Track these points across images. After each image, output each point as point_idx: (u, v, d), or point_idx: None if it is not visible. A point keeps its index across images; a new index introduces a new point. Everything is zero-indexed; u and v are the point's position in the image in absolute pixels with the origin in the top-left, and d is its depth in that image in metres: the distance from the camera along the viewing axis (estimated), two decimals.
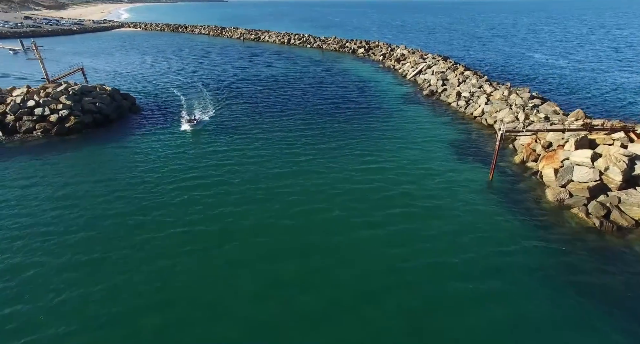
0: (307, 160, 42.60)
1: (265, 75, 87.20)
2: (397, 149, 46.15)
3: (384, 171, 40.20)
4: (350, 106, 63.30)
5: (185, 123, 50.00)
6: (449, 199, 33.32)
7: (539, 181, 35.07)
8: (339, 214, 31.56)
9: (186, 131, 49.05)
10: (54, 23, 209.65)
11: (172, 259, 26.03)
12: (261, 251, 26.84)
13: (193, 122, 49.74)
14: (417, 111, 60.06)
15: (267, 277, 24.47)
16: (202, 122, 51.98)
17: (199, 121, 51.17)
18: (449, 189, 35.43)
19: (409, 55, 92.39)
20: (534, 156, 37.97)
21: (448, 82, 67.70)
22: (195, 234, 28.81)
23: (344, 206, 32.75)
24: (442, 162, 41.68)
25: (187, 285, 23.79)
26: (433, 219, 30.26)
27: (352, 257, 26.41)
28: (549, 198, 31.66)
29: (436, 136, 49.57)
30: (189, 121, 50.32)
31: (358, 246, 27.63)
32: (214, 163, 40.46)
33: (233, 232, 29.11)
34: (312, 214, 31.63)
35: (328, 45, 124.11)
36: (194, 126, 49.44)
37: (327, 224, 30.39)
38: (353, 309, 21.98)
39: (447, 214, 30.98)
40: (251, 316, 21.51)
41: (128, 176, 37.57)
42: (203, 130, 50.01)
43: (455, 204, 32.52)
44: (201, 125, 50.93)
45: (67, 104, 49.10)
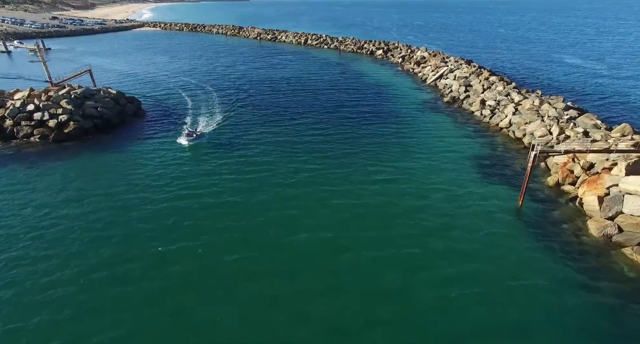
0: (314, 173, 39.09)
1: (279, 77, 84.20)
2: (413, 162, 42.02)
3: (398, 187, 36.25)
4: (365, 112, 59.39)
5: (184, 137, 45.05)
6: (469, 229, 29.02)
7: (578, 209, 30.27)
8: (345, 239, 27.95)
9: (184, 145, 44.53)
10: (77, 23, 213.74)
11: (161, 281, 23.02)
12: (253, 291, 23.45)
13: (192, 136, 44.87)
14: (436, 120, 55.51)
15: (259, 305, 21.15)
16: (203, 135, 46.91)
17: (200, 134, 46.21)
18: (470, 215, 31.10)
19: (430, 58, 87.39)
20: (572, 179, 33.11)
21: (471, 89, 62.69)
22: (177, 257, 25.77)
23: (351, 230, 29.15)
24: (463, 180, 37.26)
25: (179, 308, 20.69)
26: (450, 255, 26.10)
27: (354, 299, 22.70)
28: (592, 232, 26.94)
29: (457, 149, 45.08)
30: (187, 134, 45.28)
31: (360, 282, 23.95)
32: (212, 176, 37.39)
33: (220, 259, 25.89)
34: (314, 238, 28.18)
35: (345, 47, 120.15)
36: (193, 139, 44.64)
37: (329, 250, 26.86)
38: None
39: (466, 249, 26.67)
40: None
41: (118, 190, 34.92)
42: (203, 143, 45.45)
43: (476, 236, 28.21)
44: (201, 138, 46.00)
45: (67, 108, 47.26)
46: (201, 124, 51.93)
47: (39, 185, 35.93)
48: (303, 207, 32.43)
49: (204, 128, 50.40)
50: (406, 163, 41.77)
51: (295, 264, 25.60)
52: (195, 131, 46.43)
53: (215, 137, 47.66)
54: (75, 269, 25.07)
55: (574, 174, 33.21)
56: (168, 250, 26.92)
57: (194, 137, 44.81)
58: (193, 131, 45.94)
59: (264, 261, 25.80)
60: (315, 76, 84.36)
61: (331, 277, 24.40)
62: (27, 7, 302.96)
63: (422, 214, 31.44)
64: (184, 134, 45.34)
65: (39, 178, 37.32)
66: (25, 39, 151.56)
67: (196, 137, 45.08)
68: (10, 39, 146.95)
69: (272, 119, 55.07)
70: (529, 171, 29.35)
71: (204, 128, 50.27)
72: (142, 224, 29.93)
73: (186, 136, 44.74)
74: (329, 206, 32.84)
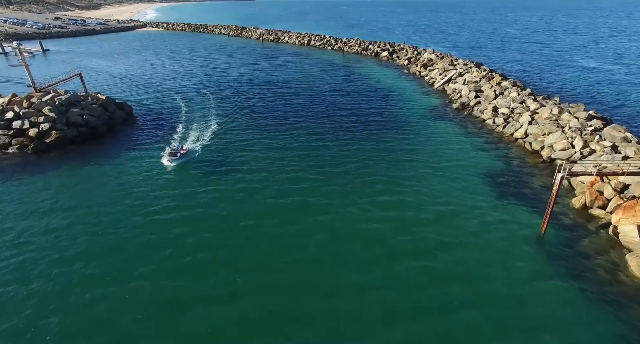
0: (310, 188, 35.70)
1: (279, 80, 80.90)
2: (419, 176, 38.49)
3: (403, 205, 32.84)
4: (368, 119, 55.87)
5: (167, 156, 39.35)
6: (484, 262, 25.39)
7: (613, 239, 26.53)
8: (342, 272, 24.51)
9: (166, 166, 39.01)
10: (80, 23, 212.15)
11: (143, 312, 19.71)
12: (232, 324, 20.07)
13: (176, 156, 39.44)
14: (445, 128, 51.80)
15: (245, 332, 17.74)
16: (189, 153, 41.81)
17: (185, 152, 41.00)
18: (484, 242, 27.49)
19: (437, 61, 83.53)
20: (602, 201, 29.34)
21: (482, 94, 58.84)
22: (161, 288, 22.47)
23: (348, 257, 25.93)
24: (474, 199, 33.59)
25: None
26: (461, 296, 22.45)
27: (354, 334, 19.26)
28: (634, 270, 23.20)
29: (468, 162, 41.40)
30: (171, 153, 39.60)
31: (360, 319, 20.54)
32: (199, 196, 34.02)
33: (201, 291, 22.54)
34: (305, 266, 24.91)
35: (350, 48, 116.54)
36: (177, 159, 39.34)
37: (323, 281, 23.52)
38: None
39: (483, 290, 22.92)
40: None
41: (95, 211, 31.66)
42: (188, 162, 40.26)
43: (491, 270, 24.57)
44: (187, 157, 40.87)
45: (49, 116, 44.24)
46: (190, 138, 47.34)
47: (8, 204, 32.81)
48: (297, 232, 28.98)
49: (194, 142, 45.95)
50: (412, 177, 38.25)
51: (288, 298, 22.19)
52: (180, 149, 41.24)
53: (207, 149, 44.03)
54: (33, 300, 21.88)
55: (604, 196, 29.44)
56: (147, 281, 23.68)
57: (178, 156, 39.62)
58: (177, 149, 40.66)
59: (253, 295, 22.44)
60: (318, 79, 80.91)
61: (329, 319, 20.96)
62: (32, 8, 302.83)
63: (430, 240, 27.86)
64: (166, 153, 39.81)
65: (11, 195, 34.21)
66: (25, 40, 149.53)
67: (180, 156, 39.96)
68: (10, 40, 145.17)
69: (269, 127, 51.68)
70: (554, 196, 25.65)
71: (193, 142, 45.81)
72: (115, 251, 26.67)
73: (169, 156, 39.37)
74: (326, 228, 29.45)
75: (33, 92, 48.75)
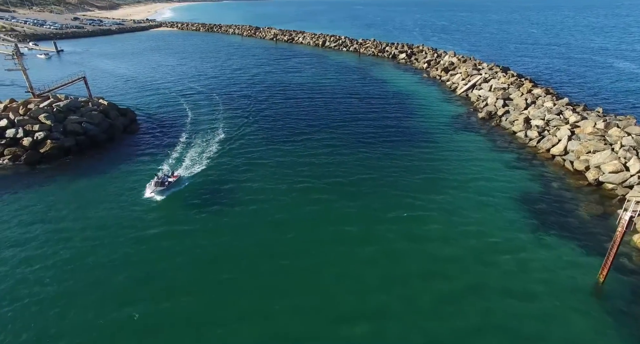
0: (322, 210, 32.08)
1: (292, 83, 77.40)
2: (444, 196, 34.40)
3: (427, 233, 29.10)
4: (386, 128, 51.76)
5: (153, 186, 33.03)
6: (524, 313, 21.13)
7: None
8: (355, 308, 20.72)
9: (152, 199, 32.79)
10: (96, 23, 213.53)
11: None
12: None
13: (164, 186, 33.07)
14: (470, 140, 47.17)
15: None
16: (182, 180, 35.57)
17: (176, 180, 34.67)
18: (524, 288, 23.19)
19: (460, 64, 78.41)
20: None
21: (511, 103, 53.80)
22: (148, 316, 19.06)
23: (364, 297, 22.10)
24: (510, 228, 29.22)
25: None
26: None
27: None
28: None
29: (499, 181, 36.83)
30: (157, 182, 33.15)
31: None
32: (195, 221, 30.62)
33: (206, 320, 19.02)
34: (317, 304, 21.15)
35: (366, 49, 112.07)
36: (164, 190, 33.00)
37: (336, 313, 19.70)
38: None
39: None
40: None
41: (80, 235, 28.59)
42: (180, 192, 34.03)
43: (535, 328, 20.22)
44: (178, 185, 34.63)
45: (45, 124, 41.62)
46: (191, 153, 42.50)
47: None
48: (308, 267, 25.21)
49: (193, 160, 40.61)
50: (437, 197, 34.19)
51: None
52: (169, 177, 34.92)
53: (207, 169, 39.86)
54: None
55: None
56: (131, 314, 20.36)
57: (166, 186, 33.22)
58: (165, 178, 34.11)
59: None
60: (332, 83, 76.95)
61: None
62: (53, 9, 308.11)
63: (459, 281, 23.71)
64: (152, 183, 33.47)
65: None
66: (42, 41, 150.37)
67: (169, 185, 33.54)
68: (27, 40, 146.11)
69: (280, 137, 48.04)
70: (618, 240, 21.07)
71: (191, 161, 40.42)
72: (91, 290, 23.37)
73: (155, 186, 32.99)
74: (340, 262, 25.66)
75: (31, 98, 46.36)
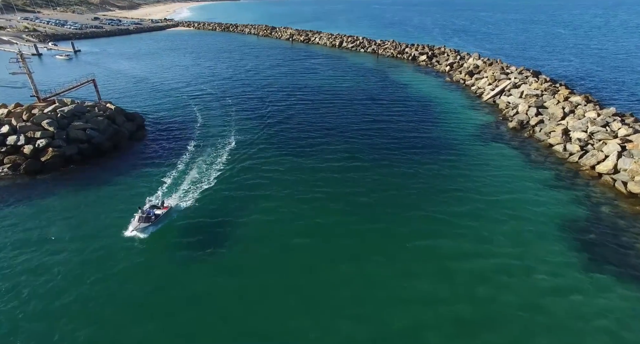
0: (338, 227, 29.20)
1: (308, 85, 74.45)
2: (473, 217, 30.99)
3: (454, 261, 25.65)
4: (407, 136, 48.27)
5: (136, 222, 27.70)
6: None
7: None
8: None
9: (134, 237, 27.48)
10: (115, 23, 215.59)
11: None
12: None
13: (149, 221, 27.72)
14: (500, 153, 43.02)
15: None
16: (171, 211, 30.14)
17: (165, 212, 29.17)
18: (580, 340, 19.30)
19: (485, 68, 73.66)
20: None
21: (545, 112, 49.19)
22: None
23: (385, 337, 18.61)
24: (554, 262, 25.42)
25: None
26: None
27: None
28: None
29: (536, 203, 32.81)
30: (142, 218, 27.81)
31: None
32: (194, 250, 27.80)
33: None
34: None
35: (384, 51, 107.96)
36: (152, 225, 27.78)
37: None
38: None
39: None
40: None
41: (74, 258, 26.13)
42: (169, 228, 28.62)
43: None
44: (167, 219, 29.36)
45: (48, 131, 39.68)
46: (190, 177, 36.31)
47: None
48: (319, 301, 21.97)
49: (196, 181, 35.06)
50: (464, 217, 30.85)
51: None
52: (160, 207, 29.89)
53: (209, 191, 36.74)
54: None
55: None
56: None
57: (152, 221, 27.79)
58: (151, 211, 28.67)
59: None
60: (350, 86, 73.50)
61: None
62: (75, 9, 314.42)
63: (495, 329, 20.04)
64: (136, 218, 28.15)
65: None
66: (61, 41, 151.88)
67: (157, 219, 28.15)
68: (47, 40, 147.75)
69: (294, 145, 45.05)
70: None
71: (193, 183, 34.85)
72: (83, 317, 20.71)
73: (139, 221, 27.67)
74: (356, 295, 22.42)
75: (36, 102, 44.64)
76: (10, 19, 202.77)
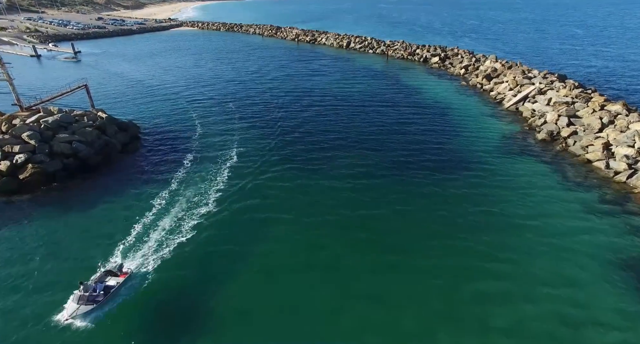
0: (345, 262, 24.86)
1: (315, 88, 70.38)
2: (508, 246, 26.99)
3: (497, 300, 21.26)
4: (423, 147, 44.08)
5: (75, 304, 20.34)
6: None
7: None
8: None
9: (74, 326, 19.98)
10: (118, 23, 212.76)
11: None
12: None
13: (96, 301, 20.50)
14: (531, 169, 38.50)
15: None
16: (131, 278, 22.83)
17: (124, 280, 22.26)
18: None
19: (504, 71, 68.87)
20: None
21: (579, 122, 44.50)
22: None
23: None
24: (618, 308, 21.07)
25: None
26: None
27: None
28: None
29: (582, 231, 28.48)
30: (84, 298, 20.45)
31: None
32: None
33: None
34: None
35: (394, 52, 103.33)
36: (94, 310, 20.39)
37: None
38: None
39: None
40: None
41: (45, 301, 22.09)
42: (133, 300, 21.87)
43: None
44: (127, 289, 22.23)
45: (29, 144, 35.82)
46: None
47: None
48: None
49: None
50: (497, 245, 26.87)
51: None
52: (113, 275, 22.55)
53: (207, 217, 33.31)
54: None
55: None
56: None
57: (100, 301, 20.57)
58: (98, 287, 21.17)
59: None
60: (359, 90, 69.17)
61: None
62: (80, 9, 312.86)
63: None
64: (74, 296, 20.84)
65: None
66: (63, 41, 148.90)
67: (107, 296, 20.96)
68: (47, 41, 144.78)
69: (301, 158, 40.92)
70: None
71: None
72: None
73: (79, 302, 20.33)
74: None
75: (18, 112, 40.85)
76: (13, 19, 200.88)
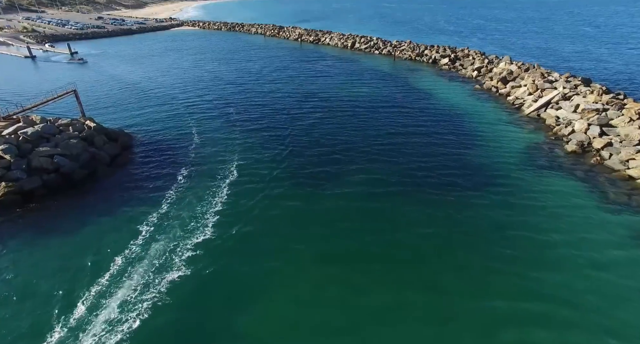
0: (352, 297, 20.74)
1: (320, 92, 66.51)
2: (546, 269, 23.29)
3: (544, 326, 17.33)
4: (439, 158, 40.32)
5: None
6: None
7: None
8: None
9: None
10: (118, 23, 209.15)
11: None
12: None
13: None
14: (563, 186, 34.54)
15: None
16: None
17: None
18: None
19: (521, 74, 64.80)
20: None
21: (613, 131, 40.52)
22: None
23: None
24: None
25: None
26: None
27: None
28: None
29: (630, 258, 24.60)
30: None
31: None
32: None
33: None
34: None
35: (401, 53, 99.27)
36: None
37: None
38: None
39: None
40: None
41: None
42: None
43: None
44: None
45: (3, 159, 32.14)
46: (167, 235, 26.65)
47: None
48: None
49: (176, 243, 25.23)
50: (533, 268, 23.43)
51: None
52: None
53: (205, 243, 29.72)
54: None
55: None
56: None
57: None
58: None
59: None
60: (366, 93, 65.29)
61: None
62: (80, 8, 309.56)
63: None
64: None
65: None
66: (59, 42, 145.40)
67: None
68: (44, 42, 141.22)
69: (306, 173, 37.05)
70: None
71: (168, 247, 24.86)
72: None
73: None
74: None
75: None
76: (11, 19, 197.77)
